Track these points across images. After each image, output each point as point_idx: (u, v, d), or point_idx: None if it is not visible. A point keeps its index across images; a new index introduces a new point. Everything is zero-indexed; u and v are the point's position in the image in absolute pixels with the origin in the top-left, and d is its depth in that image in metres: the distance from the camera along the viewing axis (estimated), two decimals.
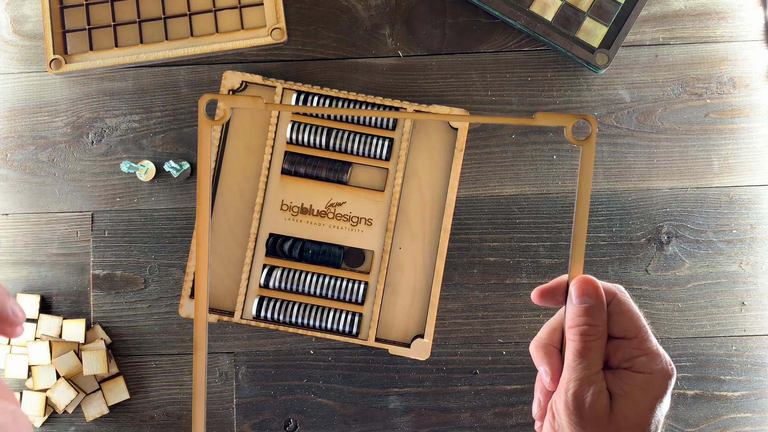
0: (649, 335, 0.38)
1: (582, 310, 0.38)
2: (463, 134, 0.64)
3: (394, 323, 0.65)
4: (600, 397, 0.36)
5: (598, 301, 0.38)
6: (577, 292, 0.38)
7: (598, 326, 0.37)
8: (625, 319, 0.38)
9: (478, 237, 0.67)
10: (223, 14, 0.68)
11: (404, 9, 0.69)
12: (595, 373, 0.37)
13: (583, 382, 0.36)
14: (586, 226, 0.40)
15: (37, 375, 0.64)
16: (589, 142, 0.39)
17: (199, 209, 0.39)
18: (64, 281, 0.67)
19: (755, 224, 0.67)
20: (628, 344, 0.38)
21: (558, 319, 0.40)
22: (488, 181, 0.68)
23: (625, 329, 0.38)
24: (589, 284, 0.38)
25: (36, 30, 0.69)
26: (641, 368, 0.37)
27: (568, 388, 0.37)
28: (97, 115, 0.68)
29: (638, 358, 0.37)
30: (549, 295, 0.40)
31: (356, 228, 0.65)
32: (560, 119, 0.40)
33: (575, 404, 0.36)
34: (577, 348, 0.37)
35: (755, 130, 0.68)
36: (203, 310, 0.39)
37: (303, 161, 0.65)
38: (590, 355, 0.37)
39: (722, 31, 0.69)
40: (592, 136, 0.39)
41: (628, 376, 0.37)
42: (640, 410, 0.36)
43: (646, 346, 0.37)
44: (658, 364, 0.37)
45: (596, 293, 0.38)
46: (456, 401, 0.66)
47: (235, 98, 0.39)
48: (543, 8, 0.67)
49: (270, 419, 0.66)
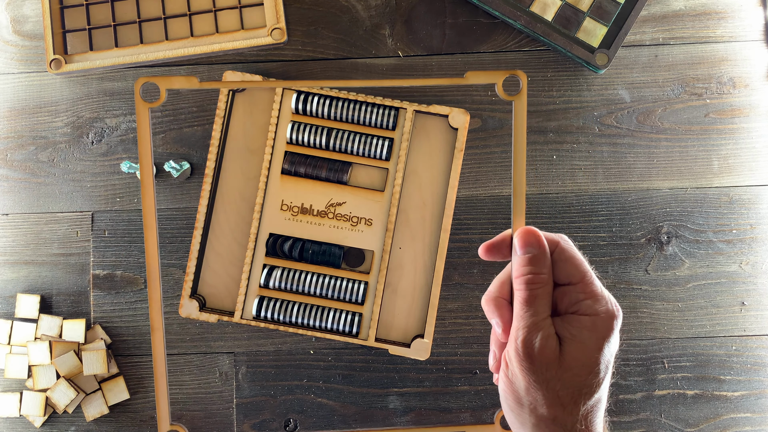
0: (593, 279, 0.39)
1: (526, 260, 0.39)
2: (463, 134, 0.64)
3: (394, 323, 0.65)
4: (548, 341, 0.37)
5: (541, 250, 0.39)
6: (520, 242, 0.39)
7: (542, 274, 0.38)
8: (569, 265, 0.39)
9: (478, 237, 0.67)
10: (223, 14, 0.68)
11: (404, 9, 0.69)
12: (543, 319, 0.38)
13: (531, 329, 0.37)
14: (524, 181, 0.41)
15: (37, 375, 0.64)
16: (520, 97, 0.40)
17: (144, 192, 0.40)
18: (64, 281, 0.67)
19: (755, 224, 0.67)
20: (574, 289, 0.38)
21: (507, 272, 0.41)
22: (488, 181, 0.68)
23: (569, 275, 0.39)
24: (531, 234, 0.39)
25: (36, 30, 0.69)
26: (587, 311, 0.38)
27: (518, 336, 0.38)
28: (97, 115, 0.68)
29: (583, 301, 0.38)
30: (495, 249, 0.41)
31: (356, 228, 0.65)
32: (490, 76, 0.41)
33: (525, 350, 0.37)
34: (524, 296, 0.38)
35: (755, 130, 0.68)
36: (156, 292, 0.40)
37: (303, 161, 0.65)
38: (537, 303, 0.38)
39: (722, 31, 0.69)
40: (523, 90, 0.40)
41: (575, 319, 0.38)
42: (588, 351, 0.37)
43: (590, 290, 0.38)
44: (603, 306, 0.38)
45: (538, 242, 0.39)
46: (456, 401, 0.66)
47: (169, 79, 0.39)
48: (543, 8, 0.67)
49: (270, 419, 0.66)
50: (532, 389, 0.37)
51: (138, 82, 0.40)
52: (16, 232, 0.68)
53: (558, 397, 0.37)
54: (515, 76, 0.41)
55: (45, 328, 0.66)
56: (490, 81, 0.41)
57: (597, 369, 0.37)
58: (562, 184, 0.68)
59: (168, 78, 0.40)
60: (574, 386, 0.37)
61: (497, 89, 0.41)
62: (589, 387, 0.37)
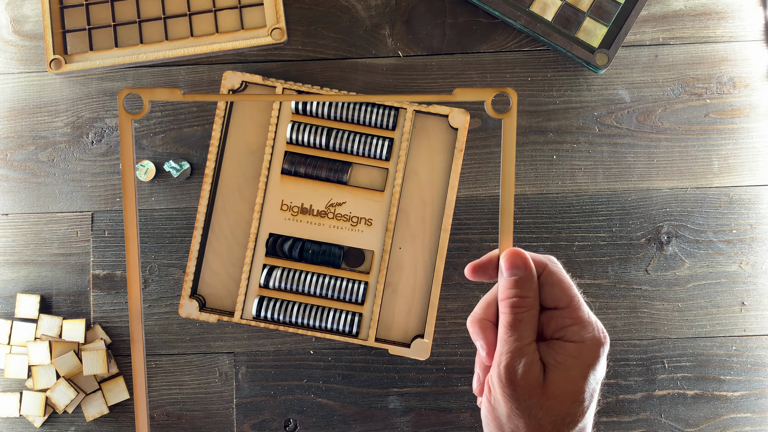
0: (581, 304, 0.37)
1: (512, 283, 0.37)
2: (463, 134, 0.64)
3: (394, 323, 0.65)
4: (532, 368, 0.36)
5: (528, 272, 0.38)
6: (507, 264, 0.38)
7: (528, 298, 0.37)
8: (556, 289, 0.38)
9: (478, 237, 0.67)
10: (223, 14, 0.68)
11: (404, 9, 0.69)
12: (527, 345, 0.37)
13: (514, 354, 0.36)
14: (513, 199, 0.40)
15: (37, 375, 0.64)
16: (509, 115, 0.39)
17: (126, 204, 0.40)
18: (64, 281, 0.67)
19: (755, 224, 0.67)
20: (560, 314, 0.37)
21: (493, 294, 0.40)
22: (488, 181, 0.68)
23: (557, 299, 0.37)
24: (517, 256, 0.38)
25: (36, 30, 0.69)
26: (573, 337, 0.37)
27: (500, 360, 0.36)
28: (97, 115, 0.68)
29: (570, 327, 0.37)
30: (481, 270, 0.40)
31: (356, 228, 0.65)
32: (479, 93, 0.39)
33: (507, 376, 0.36)
34: (509, 320, 0.37)
35: (755, 130, 0.68)
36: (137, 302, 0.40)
37: (303, 161, 0.65)
38: (521, 327, 0.37)
39: (722, 31, 0.69)
40: (513, 109, 0.39)
41: (560, 345, 0.37)
42: (572, 379, 0.36)
43: (577, 315, 0.37)
44: (590, 332, 0.37)
45: (525, 265, 0.38)
46: (456, 401, 0.66)
47: (152, 90, 0.39)
48: (543, 8, 0.67)
49: (270, 419, 0.66)
50: (514, 416, 0.36)
51: (121, 94, 0.39)
52: (16, 232, 0.68)
53: (540, 426, 0.36)
54: (504, 94, 0.39)
55: (45, 328, 0.66)
56: (479, 98, 0.39)
57: (581, 398, 0.36)
58: (562, 184, 0.68)
59: (151, 90, 0.39)
60: (557, 415, 0.36)
61: (486, 107, 0.39)
62: (573, 416, 0.36)
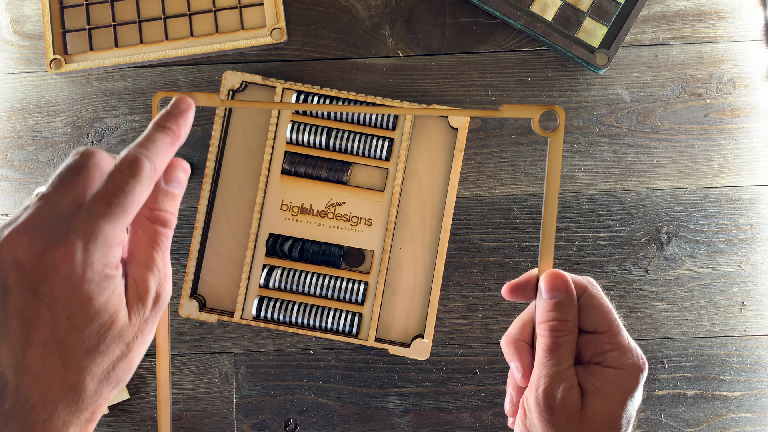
0: (621, 329, 0.37)
1: (552, 305, 0.37)
2: (463, 134, 0.64)
3: (394, 323, 0.65)
4: (571, 393, 0.36)
5: (568, 295, 0.37)
6: (547, 286, 0.37)
7: (568, 321, 0.37)
8: (596, 313, 0.37)
9: (478, 237, 0.67)
10: (223, 14, 0.68)
11: (404, 9, 0.69)
12: (566, 369, 0.36)
13: (553, 379, 0.36)
14: (555, 220, 0.39)
15: None
16: (556, 134, 0.38)
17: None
18: None
19: (755, 224, 0.67)
20: (600, 338, 0.37)
21: (529, 313, 0.39)
22: (488, 181, 0.68)
23: (596, 323, 0.37)
24: (558, 278, 0.37)
25: (36, 30, 0.69)
26: (612, 363, 0.36)
27: (539, 384, 0.36)
28: (97, 115, 0.68)
29: (609, 352, 0.37)
30: (519, 290, 0.39)
31: (356, 228, 0.65)
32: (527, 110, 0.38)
33: (546, 401, 0.36)
34: (548, 344, 0.37)
35: (755, 130, 0.68)
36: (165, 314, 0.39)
37: (303, 161, 0.65)
38: (561, 351, 0.36)
39: (722, 31, 0.69)
40: (560, 127, 0.38)
41: (599, 371, 0.36)
42: (610, 405, 0.36)
43: (617, 341, 0.37)
44: (630, 359, 0.36)
45: (566, 287, 0.37)
46: (456, 401, 0.66)
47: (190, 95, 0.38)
48: (543, 8, 0.67)
49: (270, 419, 0.66)
50: None
51: (156, 97, 0.38)
52: None
53: None
54: (553, 112, 0.39)
55: None
56: (526, 115, 0.38)
57: (618, 424, 0.35)
58: (562, 184, 0.68)
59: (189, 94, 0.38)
60: None
61: (533, 125, 0.38)
62: None
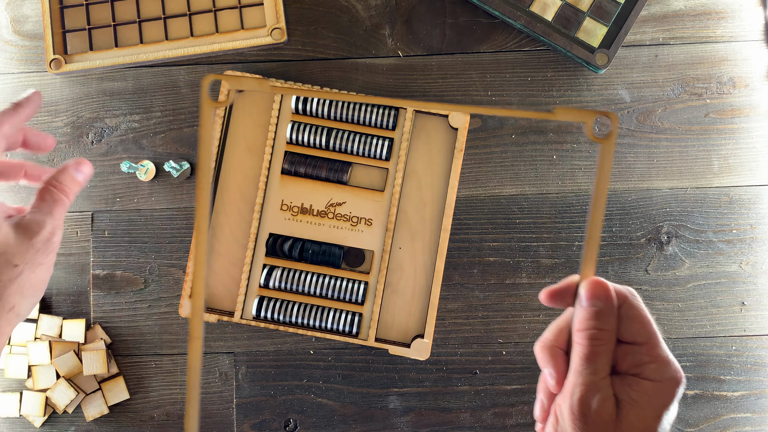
0: (660, 341, 0.37)
1: (592, 314, 0.36)
2: (463, 134, 0.64)
3: (394, 323, 0.65)
4: (606, 403, 0.35)
5: (609, 304, 0.36)
6: (588, 294, 0.37)
7: (607, 330, 0.36)
8: (635, 324, 0.37)
9: (478, 237, 0.67)
10: (223, 14, 0.68)
11: (404, 9, 0.69)
12: (602, 379, 0.36)
13: (589, 388, 0.35)
14: (601, 227, 0.38)
15: (37, 375, 0.64)
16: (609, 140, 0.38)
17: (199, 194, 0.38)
18: (64, 281, 0.67)
19: (755, 224, 0.67)
20: (638, 350, 0.36)
21: (565, 320, 0.39)
22: (488, 181, 0.68)
23: (635, 334, 0.37)
24: (600, 287, 0.36)
25: (36, 30, 0.69)
26: (651, 375, 0.36)
27: (574, 392, 0.36)
28: (97, 115, 0.68)
29: (648, 364, 0.36)
30: (558, 296, 0.38)
31: (356, 228, 0.65)
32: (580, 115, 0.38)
33: (581, 410, 0.35)
34: (585, 352, 0.36)
35: (755, 130, 0.68)
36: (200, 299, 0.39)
37: (303, 161, 0.65)
38: (598, 360, 0.36)
39: (722, 31, 0.69)
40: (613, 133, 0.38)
41: (636, 382, 0.36)
42: (646, 418, 0.35)
43: (656, 353, 0.36)
44: (668, 372, 0.36)
45: (607, 296, 0.36)
46: (456, 401, 0.66)
47: (239, 79, 0.38)
48: (543, 8, 0.67)
49: (270, 419, 0.66)
50: None
51: (206, 79, 0.37)
52: None
53: None
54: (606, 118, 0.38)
55: (45, 328, 0.66)
56: (580, 120, 0.38)
57: None
58: (562, 184, 0.68)
59: (238, 78, 0.38)
60: None
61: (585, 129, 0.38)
62: None
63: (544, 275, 0.67)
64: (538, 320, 0.66)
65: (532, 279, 0.67)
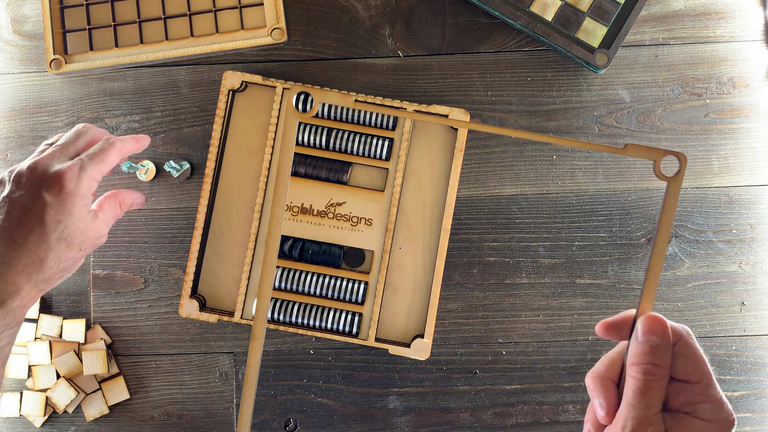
0: (713, 382, 0.37)
1: (647, 348, 0.37)
2: (463, 134, 0.64)
3: (394, 323, 0.65)
4: None
5: (665, 340, 0.37)
6: (644, 329, 0.37)
7: (662, 366, 0.37)
8: (690, 362, 0.37)
9: (478, 237, 0.67)
10: (223, 14, 0.68)
11: (404, 9, 0.69)
12: (654, 414, 0.36)
13: (641, 422, 0.36)
14: (662, 263, 0.38)
15: (37, 375, 0.64)
16: (677, 179, 0.38)
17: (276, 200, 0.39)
18: (64, 281, 0.67)
19: (755, 224, 0.67)
20: (691, 389, 0.37)
21: (618, 352, 0.39)
22: (488, 181, 0.68)
23: (689, 373, 0.37)
24: (657, 323, 0.37)
25: (36, 30, 0.69)
26: (703, 415, 0.36)
27: (626, 425, 0.36)
28: (97, 115, 0.68)
29: (701, 404, 0.36)
30: (614, 329, 0.39)
31: (356, 228, 0.65)
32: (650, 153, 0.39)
33: None
34: (639, 386, 0.37)
35: (755, 130, 0.68)
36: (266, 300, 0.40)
37: (303, 161, 0.65)
38: (651, 395, 0.36)
39: (722, 31, 0.69)
40: (681, 172, 0.38)
41: (688, 421, 0.36)
42: None
43: (709, 393, 0.36)
44: (721, 414, 0.36)
45: (663, 332, 0.37)
46: (456, 401, 0.66)
47: (325, 93, 0.39)
48: (543, 8, 0.67)
49: (270, 419, 0.66)
50: None
51: (292, 91, 0.40)
52: None
53: None
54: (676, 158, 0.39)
55: (45, 328, 0.66)
56: (650, 158, 0.39)
57: None
58: (562, 184, 0.68)
59: (323, 92, 0.39)
60: None
61: (654, 168, 0.39)
62: None
63: (543, 275, 0.67)
64: (538, 320, 0.67)
65: (532, 279, 0.67)
